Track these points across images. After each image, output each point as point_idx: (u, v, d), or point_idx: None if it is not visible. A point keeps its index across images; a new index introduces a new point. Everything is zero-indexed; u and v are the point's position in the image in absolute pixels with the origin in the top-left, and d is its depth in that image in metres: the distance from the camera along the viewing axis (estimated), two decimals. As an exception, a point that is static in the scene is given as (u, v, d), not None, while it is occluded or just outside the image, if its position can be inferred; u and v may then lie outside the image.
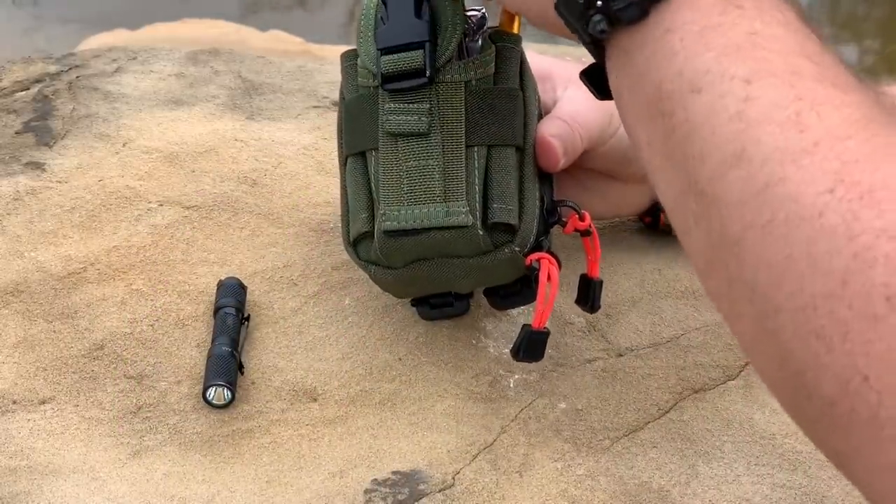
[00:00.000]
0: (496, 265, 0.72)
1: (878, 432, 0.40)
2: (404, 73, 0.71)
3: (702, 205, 0.47)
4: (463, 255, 0.72)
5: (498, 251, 0.71)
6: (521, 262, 0.72)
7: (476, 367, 0.79)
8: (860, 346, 0.40)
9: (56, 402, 0.76)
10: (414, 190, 0.71)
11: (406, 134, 0.71)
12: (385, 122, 0.72)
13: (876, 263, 0.41)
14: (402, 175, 0.71)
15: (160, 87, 1.04)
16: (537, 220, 0.73)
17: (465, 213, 0.70)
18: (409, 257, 0.72)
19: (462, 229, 0.70)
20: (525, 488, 0.71)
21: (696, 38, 0.49)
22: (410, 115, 0.71)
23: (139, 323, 0.81)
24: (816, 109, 0.46)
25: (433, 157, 0.71)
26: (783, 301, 0.43)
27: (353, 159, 0.75)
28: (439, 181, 0.71)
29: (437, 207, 0.70)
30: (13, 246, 0.86)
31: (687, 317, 0.83)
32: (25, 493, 0.70)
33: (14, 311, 0.81)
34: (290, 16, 2.90)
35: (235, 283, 0.82)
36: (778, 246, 0.43)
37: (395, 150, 0.72)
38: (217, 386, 0.75)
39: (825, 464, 0.73)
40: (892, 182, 0.42)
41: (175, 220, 0.88)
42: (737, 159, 0.46)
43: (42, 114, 0.99)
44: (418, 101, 0.71)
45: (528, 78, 0.76)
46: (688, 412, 0.76)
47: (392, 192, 0.71)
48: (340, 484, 0.71)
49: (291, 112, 1.01)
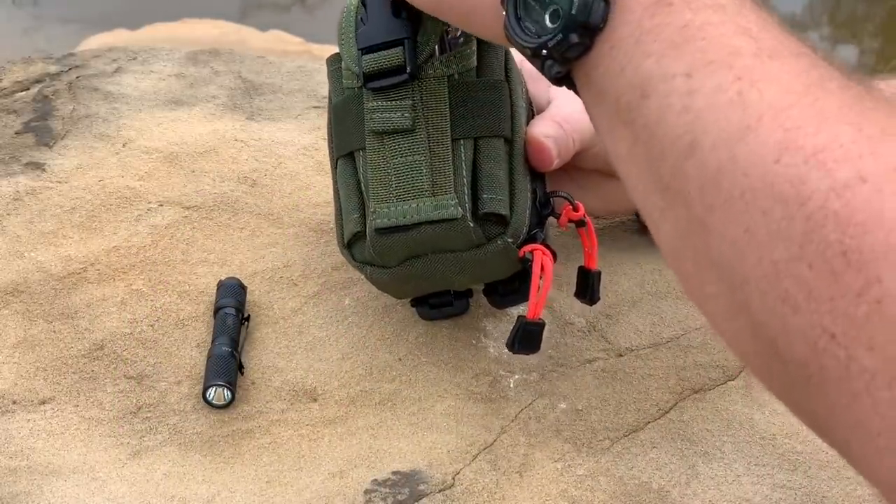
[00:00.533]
0: (490, 258, 0.72)
1: (849, 387, 0.41)
2: (385, 70, 0.72)
3: (666, 199, 0.50)
4: (456, 250, 0.72)
5: (490, 243, 0.71)
6: (515, 254, 0.72)
7: (476, 367, 0.79)
8: (824, 304, 0.41)
9: (56, 402, 0.76)
10: (402, 186, 0.71)
11: (391, 131, 0.72)
12: (370, 121, 0.72)
13: (827, 222, 0.42)
14: (391, 172, 0.71)
15: (160, 87, 1.04)
16: (529, 212, 0.73)
17: (454, 206, 0.70)
18: (402, 255, 0.72)
19: (452, 222, 0.70)
20: (525, 488, 0.71)
21: (635, 49, 0.52)
22: (394, 112, 0.72)
23: (139, 323, 0.81)
24: (757, 86, 0.47)
25: (419, 152, 0.71)
26: (749, 272, 0.45)
27: (343, 161, 0.75)
28: (427, 176, 0.71)
29: (426, 202, 0.71)
30: (13, 246, 0.86)
31: (687, 317, 0.83)
32: (25, 493, 0.70)
33: (14, 311, 0.81)
34: (290, 16, 2.90)
35: (235, 283, 0.82)
36: (738, 222, 0.45)
37: (382, 148, 0.72)
38: (217, 386, 0.75)
39: (825, 464, 0.73)
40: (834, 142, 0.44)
41: (175, 220, 0.88)
42: (690, 149, 0.48)
43: (42, 114, 0.99)
44: (401, 97, 0.72)
45: (513, 70, 0.76)
46: (688, 412, 0.76)
47: (381, 190, 0.71)
48: (340, 484, 0.71)
49: (291, 112, 1.01)
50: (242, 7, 2.89)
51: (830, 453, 0.73)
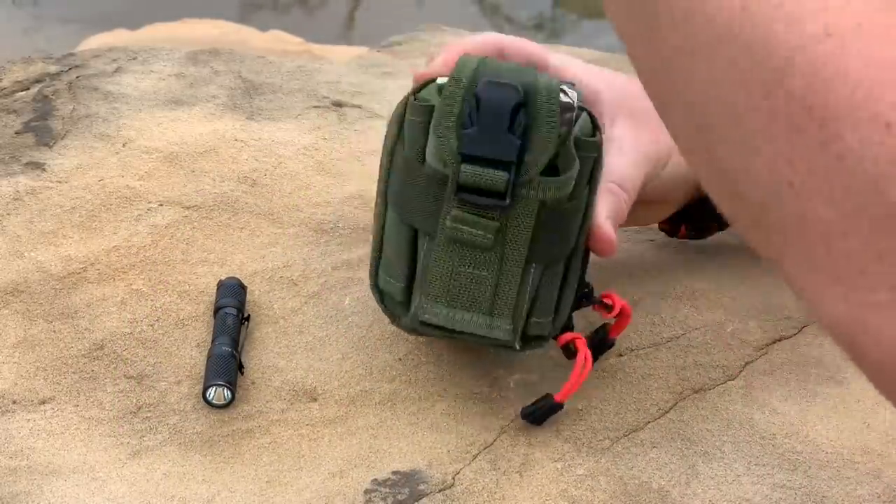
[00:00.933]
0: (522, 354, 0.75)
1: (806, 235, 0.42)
2: (483, 189, 0.67)
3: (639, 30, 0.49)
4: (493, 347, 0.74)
5: (526, 347, 0.73)
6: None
7: (476, 367, 0.79)
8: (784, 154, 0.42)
9: (56, 402, 0.76)
10: (462, 295, 0.70)
11: (469, 245, 0.69)
12: (451, 229, 0.69)
13: (795, 74, 0.42)
14: (454, 277, 0.69)
15: (160, 87, 1.04)
16: (571, 309, 0.74)
17: (508, 331, 0.70)
18: (437, 335, 0.73)
19: (499, 341, 0.71)
20: (525, 488, 0.71)
21: None
22: (478, 229, 0.68)
23: (139, 323, 0.81)
24: None
25: (490, 269, 0.69)
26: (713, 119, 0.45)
27: (400, 223, 0.72)
28: (489, 294, 0.70)
29: (481, 318, 0.70)
30: (13, 246, 0.86)
31: (687, 317, 0.83)
32: (25, 493, 0.70)
33: (14, 311, 0.81)
34: (290, 16, 2.90)
35: (235, 283, 0.82)
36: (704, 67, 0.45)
37: (453, 253, 0.69)
38: (217, 386, 0.75)
39: (825, 464, 0.73)
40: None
41: (175, 220, 0.88)
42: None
43: (42, 114, 0.99)
44: (490, 218, 0.68)
45: (597, 175, 0.72)
46: (688, 412, 0.76)
47: (438, 289, 0.70)
48: (340, 484, 0.71)
49: (291, 112, 1.01)
50: (242, 7, 2.89)
51: (830, 453, 0.74)
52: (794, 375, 0.79)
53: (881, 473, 0.72)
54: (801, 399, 0.77)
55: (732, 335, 0.82)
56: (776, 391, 0.78)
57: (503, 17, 2.95)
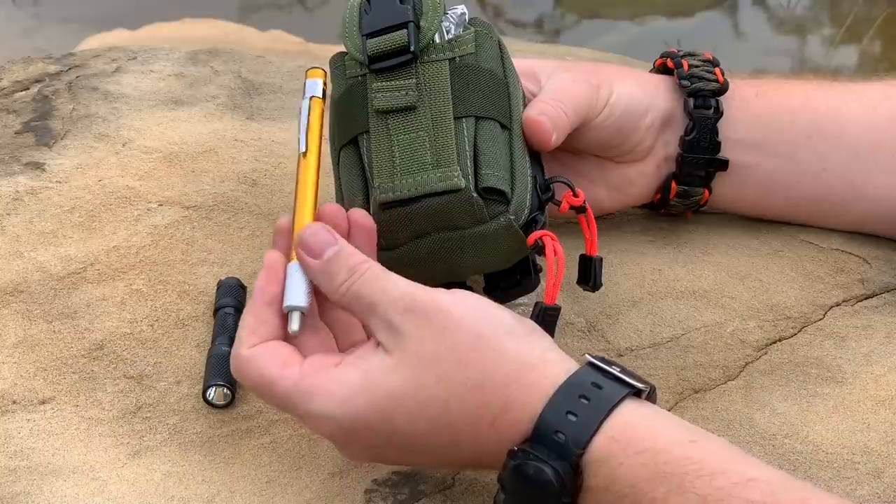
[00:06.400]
0: (493, 236, 0.73)
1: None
2: (390, 52, 0.75)
3: None
4: (460, 227, 0.73)
5: (493, 220, 0.73)
6: (517, 234, 0.73)
7: (476, 367, 0.78)
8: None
9: (56, 402, 0.76)
10: (406, 161, 0.73)
11: (395, 109, 0.74)
12: (374, 100, 0.74)
13: None
14: (394, 148, 0.73)
15: (160, 87, 1.04)
16: (530, 194, 0.74)
17: (458, 176, 0.72)
18: (406, 232, 0.73)
19: (456, 193, 0.72)
20: (525, 488, 0.71)
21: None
22: (398, 91, 0.74)
23: (139, 323, 0.81)
24: None
25: (423, 128, 0.73)
26: None
27: (346, 150, 0.76)
28: (430, 150, 0.73)
29: (430, 174, 0.72)
30: (13, 246, 0.86)
31: (687, 317, 0.83)
32: (25, 493, 0.70)
33: (14, 311, 0.81)
34: (290, 16, 2.90)
35: (235, 283, 0.82)
36: None
37: (386, 127, 0.74)
38: (217, 386, 0.75)
39: (825, 464, 0.73)
40: None
41: (175, 220, 0.88)
42: None
43: (42, 114, 0.99)
44: (405, 76, 0.74)
45: (508, 64, 0.78)
46: (688, 412, 0.76)
47: (385, 167, 0.73)
48: (340, 484, 0.71)
49: (291, 112, 1.01)
50: (242, 7, 2.89)
51: (830, 453, 0.74)
52: (794, 375, 0.79)
53: (881, 473, 0.72)
54: (801, 399, 0.77)
55: (732, 335, 0.82)
56: (776, 391, 0.78)
57: (504, 17, 2.96)
